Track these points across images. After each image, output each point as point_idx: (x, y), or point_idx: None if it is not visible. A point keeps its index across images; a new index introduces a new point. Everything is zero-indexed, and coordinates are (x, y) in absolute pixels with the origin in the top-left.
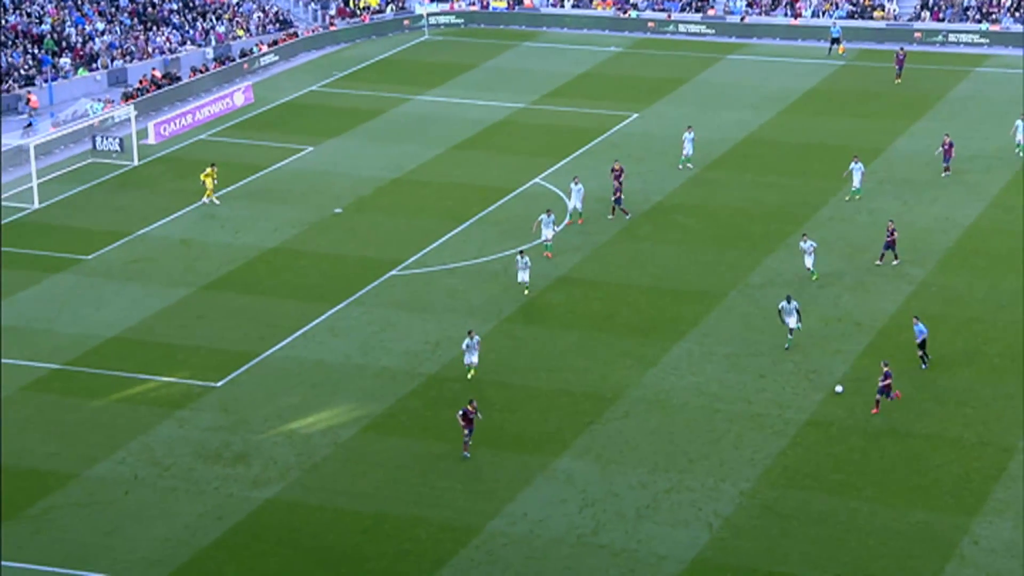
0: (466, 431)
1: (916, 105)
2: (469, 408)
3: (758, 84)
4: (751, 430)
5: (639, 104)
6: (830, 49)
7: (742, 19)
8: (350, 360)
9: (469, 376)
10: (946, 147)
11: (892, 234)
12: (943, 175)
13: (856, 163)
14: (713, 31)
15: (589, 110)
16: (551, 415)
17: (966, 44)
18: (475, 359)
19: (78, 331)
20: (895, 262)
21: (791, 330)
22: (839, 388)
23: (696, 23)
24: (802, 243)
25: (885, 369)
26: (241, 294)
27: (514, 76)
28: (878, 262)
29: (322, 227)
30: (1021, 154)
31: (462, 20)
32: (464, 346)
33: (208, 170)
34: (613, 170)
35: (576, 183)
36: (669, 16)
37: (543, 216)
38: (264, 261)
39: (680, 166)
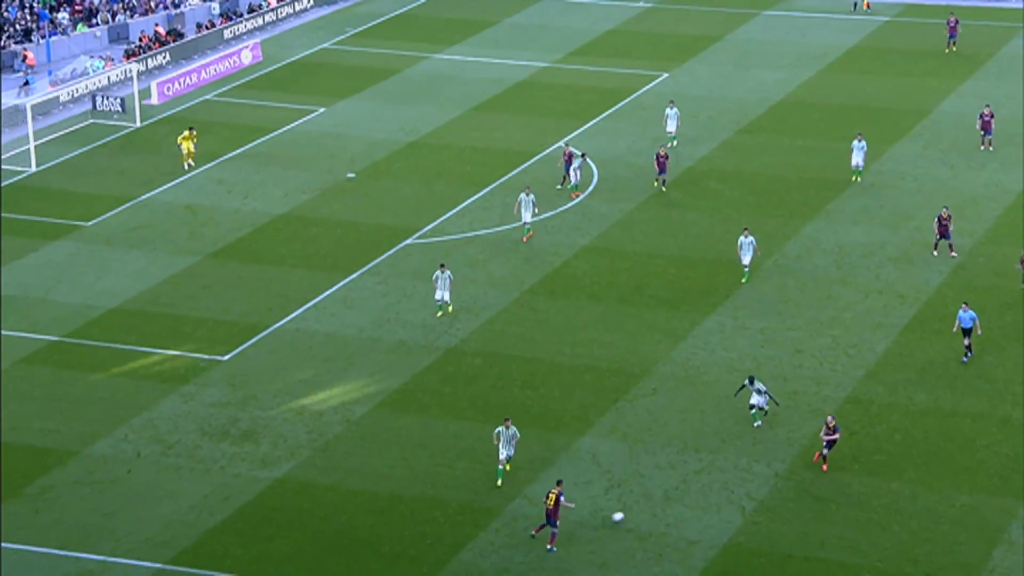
0: (551, 526)
1: (964, 64)
2: (552, 497)
3: (796, 41)
4: (787, 408)
5: (670, 63)
6: (855, 4)
7: None
8: (364, 333)
9: (439, 315)
10: (986, 119)
11: (946, 222)
12: (981, 148)
13: (859, 140)
14: None
15: (616, 69)
16: (575, 392)
17: None
18: (447, 296)
19: (78, 301)
20: (952, 255)
21: (764, 411)
22: (618, 516)
23: None
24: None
25: (832, 424)
26: (249, 263)
27: (537, 33)
28: (935, 252)
29: (334, 192)
30: None
31: None
32: (433, 278)
33: (186, 133)
34: (658, 158)
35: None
36: None
37: (522, 196)
38: (273, 228)
39: (669, 144)
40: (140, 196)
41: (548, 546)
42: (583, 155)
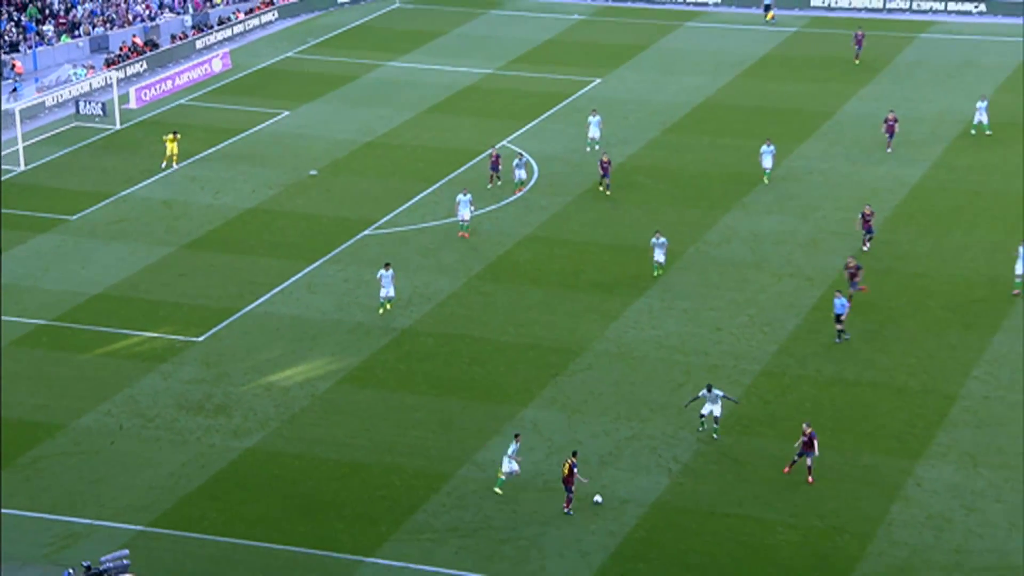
0: (567, 491)
1: (864, 70)
2: (567, 466)
3: (715, 50)
4: (708, 381)
5: (602, 70)
6: (765, 16)
7: None
8: (327, 316)
9: (380, 312)
10: (890, 123)
11: (869, 218)
12: (887, 151)
13: (768, 145)
14: None
15: (554, 75)
16: (519, 367)
17: (911, 11)
18: (391, 292)
19: (64, 288)
20: (864, 248)
21: (716, 419)
22: (598, 499)
23: None
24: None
25: (808, 431)
26: (221, 252)
27: (482, 43)
28: (865, 248)
29: (298, 188)
30: (974, 132)
31: None
32: (378, 276)
33: (171, 135)
34: (602, 163)
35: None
36: None
37: (460, 196)
38: (243, 221)
39: (588, 148)
40: (120, 192)
41: (565, 509)
42: (522, 155)
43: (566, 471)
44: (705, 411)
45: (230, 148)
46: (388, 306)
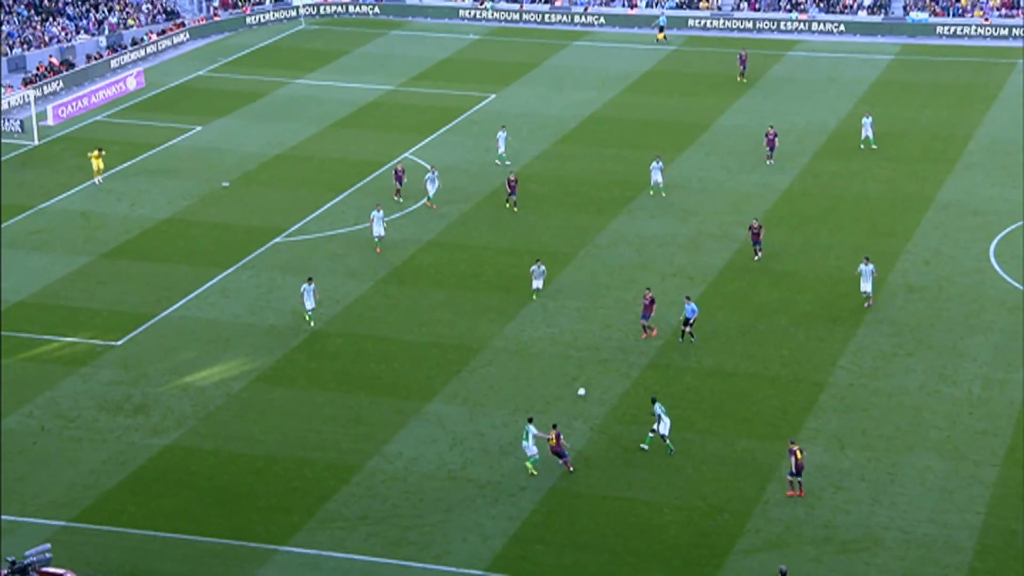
0: (562, 456)
1: (736, 85)
2: (554, 436)
3: (601, 67)
4: (600, 374)
5: (496, 86)
6: (656, 37)
7: (585, 9)
8: (240, 319)
9: (312, 324)
10: (771, 137)
11: (757, 230)
12: (768, 163)
13: (657, 162)
14: (560, 19)
15: (451, 91)
16: (423, 364)
17: (780, 31)
18: (312, 303)
19: None
20: (756, 258)
21: (664, 436)
22: (582, 391)
23: (544, 12)
24: (862, 266)
25: (793, 448)
26: (138, 261)
27: (383, 61)
28: (756, 258)
29: (212, 199)
30: (862, 147)
31: (335, 10)
32: (301, 290)
33: (96, 152)
34: (509, 181)
35: (433, 171)
36: (521, 7)
37: (374, 213)
38: (159, 231)
39: (498, 162)
40: (39, 205)
41: (570, 469)
42: (432, 168)
43: (554, 441)
44: (664, 430)
45: (146, 162)
46: (308, 318)
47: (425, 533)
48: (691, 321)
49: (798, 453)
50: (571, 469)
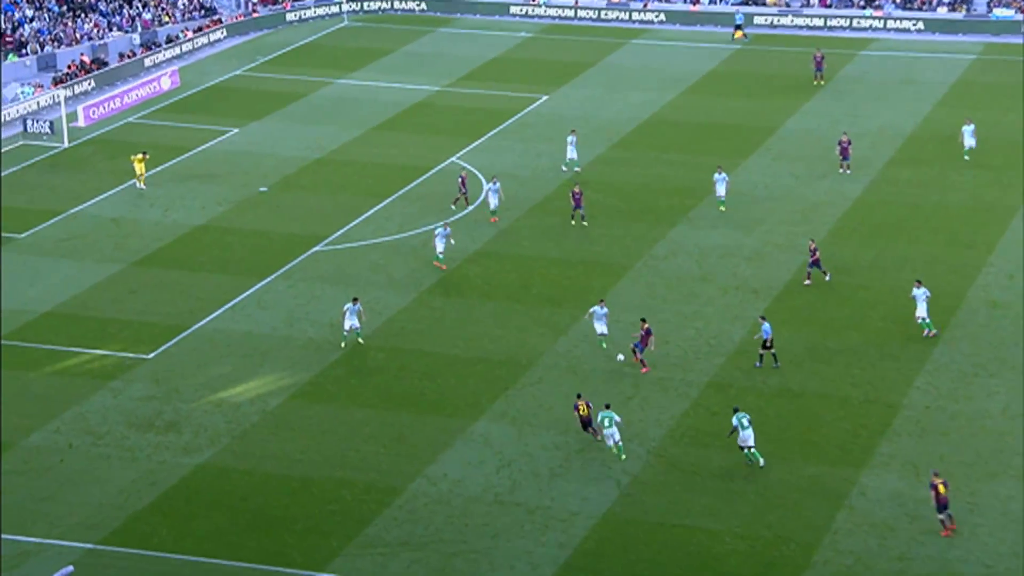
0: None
1: (805, 87)
2: (579, 404)
3: (660, 67)
4: (656, 393)
5: (548, 86)
6: (733, 35)
7: (644, 5)
8: (277, 331)
9: (343, 345)
10: (844, 145)
11: (815, 253)
12: (840, 172)
13: (719, 173)
14: (617, 16)
15: (501, 92)
16: (469, 381)
17: (853, 28)
18: (356, 323)
19: (13, 306)
20: (827, 277)
21: (750, 447)
22: (620, 356)
23: (600, 8)
24: (915, 290)
25: (936, 481)
26: (171, 269)
27: (430, 60)
28: (807, 282)
29: (248, 205)
30: (967, 158)
31: (380, 7)
32: (344, 309)
33: (139, 155)
34: (573, 194)
35: (494, 183)
36: (576, 3)
37: (439, 230)
38: (193, 238)
39: (564, 168)
40: (69, 210)
41: (597, 438)
42: (494, 179)
43: (584, 410)
44: (742, 442)
45: (179, 166)
46: (359, 339)
47: (470, 560)
48: (768, 343)
49: (940, 487)
50: (598, 438)
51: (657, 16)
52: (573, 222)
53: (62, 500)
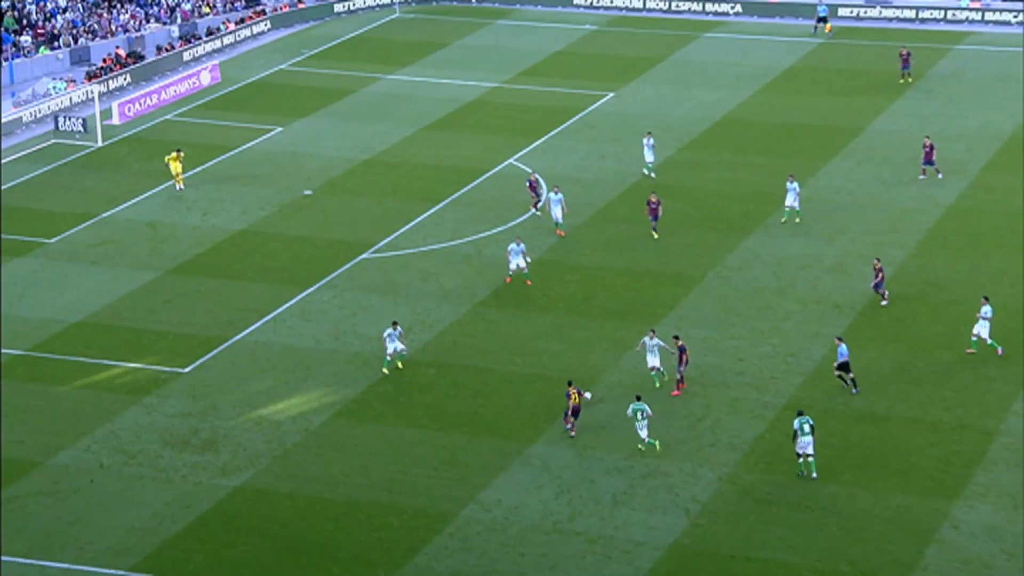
0: (571, 420)
1: (895, 84)
2: (571, 392)
3: (735, 62)
4: (729, 414)
5: (615, 83)
6: (816, 27)
7: None
8: (321, 345)
9: (385, 372)
10: (927, 149)
11: (879, 273)
12: (921, 177)
13: (791, 182)
14: (689, 7)
15: (564, 89)
16: (526, 400)
17: (947, 21)
18: (400, 345)
19: (41, 316)
20: (883, 303)
21: (807, 456)
22: (588, 395)
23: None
24: (983, 311)
25: None
26: (209, 277)
27: (487, 54)
28: (884, 302)
29: (292, 209)
30: None
31: None
32: (385, 335)
33: (174, 154)
34: (650, 204)
35: (556, 192)
36: None
37: (512, 245)
38: (233, 244)
39: (646, 171)
40: (102, 213)
41: (572, 435)
42: (556, 188)
43: (576, 399)
44: (800, 448)
45: (219, 167)
46: (399, 364)
47: None
48: (843, 365)
49: None
50: (573, 435)
51: (732, 7)
52: (656, 235)
53: (92, 523)
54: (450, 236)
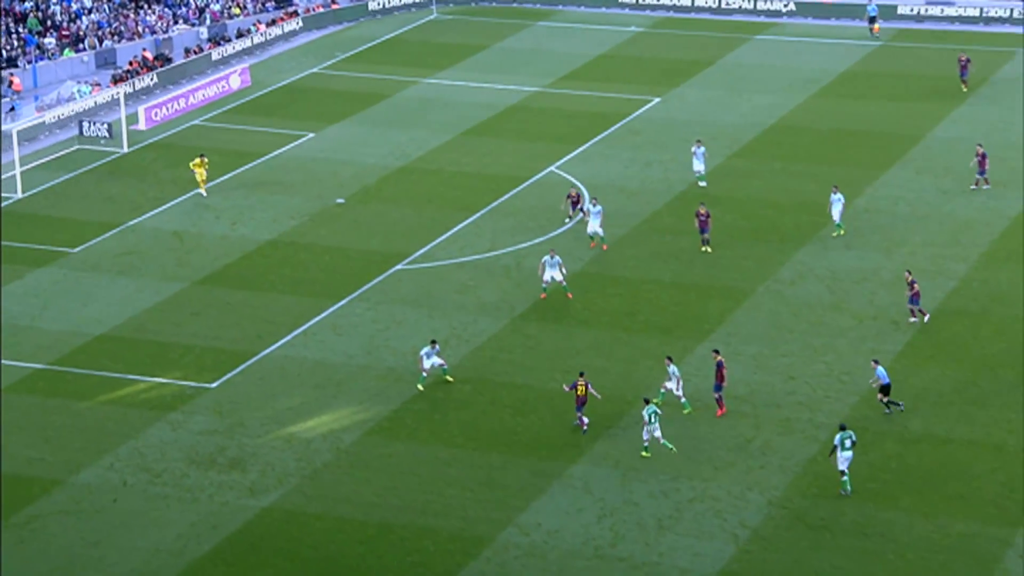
0: (578, 410)
1: (957, 89)
2: (579, 383)
3: (789, 66)
4: (780, 435)
5: (661, 87)
6: (871, 29)
7: None
8: (353, 360)
9: (450, 379)
10: (979, 158)
11: (913, 286)
12: (972, 188)
13: (835, 192)
14: (740, 7)
15: (608, 94)
16: (566, 418)
17: (1011, 22)
18: (438, 360)
19: (64, 328)
20: (912, 319)
21: (843, 473)
22: (597, 395)
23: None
24: None
25: None
26: (237, 289)
27: (528, 57)
28: (912, 319)
29: (324, 218)
30: None
31: None
32: (421, 354)
33: (197, 160)
34: (699, 216)
35: (595, 204)
36: None
37: (546, 258)
38: (262, 254)
39: (703, 184)
40: (127, 222)
41: (584, 430)
42: (594, 199)
43: (583, 390)
44: (841, 465)
45: (248, 174)
46: (448, 377)
47: None
48: (885, 388)
49: None
50: (585, 430)
51: (786, 7)
52: (704, 248)
53: (115, 544)
54: (488, 247)
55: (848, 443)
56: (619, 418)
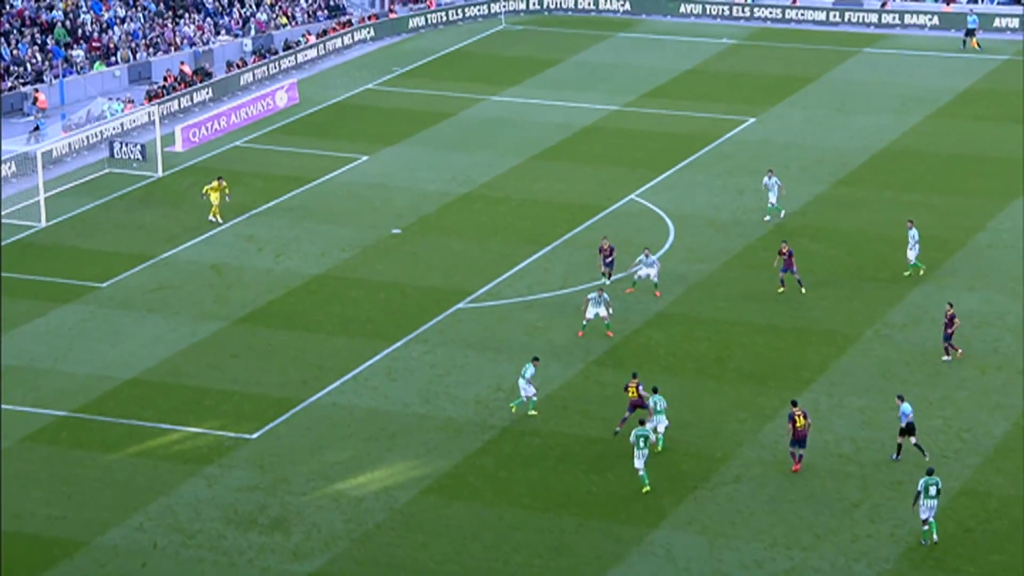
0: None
1: None
2: (631, 385)
3: (902, 83)
4: (891, 499)
5: (757, 107)
6: (964, 42)
7: (883, 4)
8: (409, 409)
9: (513, 409)
10: None
11: (952, 321)
12: None
13: (911, 228)
14: (847, 19)
15: (696, 113)
16: (648, 477)
17: None
18: (532, 391)
19: (90, 372)
20: (945, 357)
21: (926, 522)
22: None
23: (826, 8)
24: None
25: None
26: (282, 329)
27: (606, 73)
28: (945, 357)
29: (378, 251)
30: None
31: (546, 5)
32: (528, 376)
33: (214, 183)
34: (781, 253)
35: (648, 255)
36: (795, 1)
37: (592, 295)
38: (309, 290)
39: (767, 217)
40: (161, 254)
41: (617, 428)
42: (646, 251)
43: (635, 393)
44: (924, 514)
45: (295, 201)
46: (532, 411)
47: None
48: (907, 428)
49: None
50: (618, 430)
51: (898, 19)
52: (781, 289)
53: None
54: (560, 284)
55: (933, 490)
56: (705, 478)
